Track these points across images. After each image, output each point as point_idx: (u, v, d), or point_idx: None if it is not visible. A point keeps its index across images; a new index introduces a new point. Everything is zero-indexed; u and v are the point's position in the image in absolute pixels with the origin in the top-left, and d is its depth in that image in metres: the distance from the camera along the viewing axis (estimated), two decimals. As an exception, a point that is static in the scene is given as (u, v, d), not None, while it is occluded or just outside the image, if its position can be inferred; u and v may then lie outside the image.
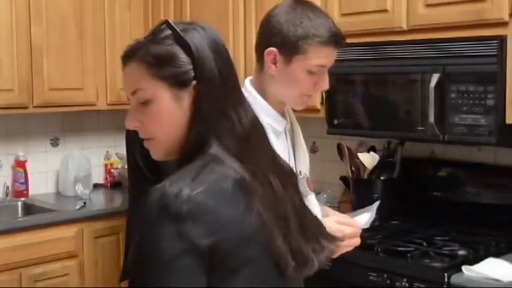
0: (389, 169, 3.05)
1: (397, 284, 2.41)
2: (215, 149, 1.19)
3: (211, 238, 1.09)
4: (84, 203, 3.65)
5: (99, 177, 4.27)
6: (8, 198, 3.82)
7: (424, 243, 2.62)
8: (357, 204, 3.12)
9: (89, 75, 3.75)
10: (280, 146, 1.91)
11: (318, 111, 3.10)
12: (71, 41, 3.68)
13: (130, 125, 1.27)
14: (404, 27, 2.75)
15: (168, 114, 1.23)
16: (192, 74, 1.21)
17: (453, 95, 2.55)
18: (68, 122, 4.13)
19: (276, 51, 1.80)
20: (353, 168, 3.12)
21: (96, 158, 4.24)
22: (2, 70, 3.43)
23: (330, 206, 3.33)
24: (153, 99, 1.23)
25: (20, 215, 3.73)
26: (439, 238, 2.71)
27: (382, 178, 3.04)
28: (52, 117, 4.02)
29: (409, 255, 2.47)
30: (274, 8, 1.87)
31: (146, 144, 1.28)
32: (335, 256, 1.48)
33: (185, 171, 1.16)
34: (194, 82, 1.21)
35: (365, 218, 2.02)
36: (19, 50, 3.48)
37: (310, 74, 1.81)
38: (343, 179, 3.28)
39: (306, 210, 1.33)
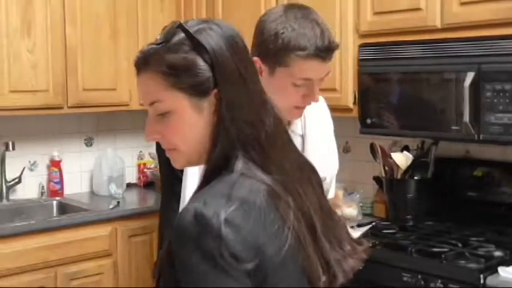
0: (423, 169, 3.02)
1: (431, 285, 2.39)
2: (242, 163, 1.13)
3: (252, 262, 1.05)
4: (118, 202, 3.68)
5: (132, 176, 4.30)
6: (43, 197, 3.87)
7: (459, 244, 2.59)
8: (390, 205, 3.10)
9: (122, 75, 3.79)
10: None
11: (350, 110, 3.08)
12: (105, 41, 3.72)
13: (150, 137, 1.21)
14: (438, 26, 2.72)
15: (189, 125, 1.16)
16: (212, 81, 1.14)
17: (488, 94, 2.51)
18: (101, 122, 4.18)
19: (259, 61, 1.71)
20: (386, 168, 3.10)
21: (129, 158, 4.28)
22: (38, 71, 3.48)
23: (362, 206, 3.33)
24: (172, 111, 1.16)
25: (55, 214, 3.78)
26: (474, 239, 2.68)
27: (415, 178, 3.01)
28: (86, 118, 4.07)
29: (443, 256, 2.44)
30: (265, 12, 1.79)
31: (168, 154, 1.22)
32: None
33: (215, 189, 1.11)
34: (215, 90, 1.14)
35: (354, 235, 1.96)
36: (54, 51, 3.53)
37: (296, 86, 1.71)
38: (376, 179, 3.25)
39: (332, 213, 1.28)
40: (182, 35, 1.16)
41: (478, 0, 2.58)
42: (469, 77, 2.55)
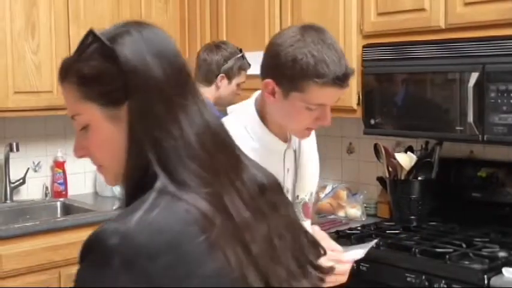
0: (427, 169, 3.01)
1: (435, 285, 2.38)
2: (161, 178, 1.01)
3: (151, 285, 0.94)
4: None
5: (136, 177, 4.31)
6: (47, 198, 3.88)
7: (463, 245, 2.58)
8: (394, 205, 3.10)
9: (126, 76, 3.79)
10: (272, 165, 1.75)
11: (354, 111, 3.08)
12: (109, 43, 3.72)
13: (77, 153, 1.15)
14: (442, 26, 2.72)
15: (107, 138, 1.09)
16: (125, 89, 1.05)
17: (492, 94, 2.51)
18: (105, 123, 4.18)
19: (273, 83, 1.68)
20: (390, 169, 3.09)
21: (133, 159, 4.28)
22: (42, 72, 3.49)
23: (366, 207, 3.33)
24: (90, 124, 1.10)
25: (59, 215, 3.79)
26: (478, 239, 2.67)
27: (419, 179, 3.01)
28: (90, 119, 4.07)
29: (447, 256, 2.44)
30: (279, 34, 1.74)
31: (97, 170, 1.15)
32: None
33: (126, 211, 1.01)
34: (129, 99, 1.06)
35: (358, 254, 1.91)
36: (58, 52, 3.53)
37: (309, 110, 1.68)
38: (380, 179, 3.25)
39: (299, 234, 1.16)
40: (94, 43, 1.10)
41: (482, 1, 2.58)
42: (473, 77, 2.54)
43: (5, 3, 3.35)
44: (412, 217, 3.00)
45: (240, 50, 3.20)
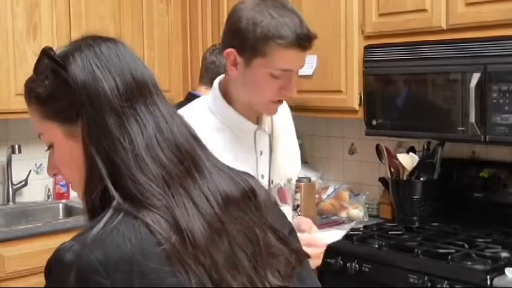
0: (429, 170, 3.01)
1: (438, 286, 2.38)
2: (115, 195, 1.02)
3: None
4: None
5: (138, 179, 4.31)
6: (49, 200, 3.88)
7: (466, 245, 2.58)
8: (396, 206, 3.09)
9: (128, 78, 3.79)
10: (243, 148, 1.77)
11: (356, 112, 3.08)
12: (110, 44, 3.72)
13: (50, 172, 1.18)
14: (444, 27, 2.72)
15: (70, 156, 1.10)
16: (75, 103, 1.06)
17: (494, 95, 2.50)
18: (107, 125, 4.18)
19: (235, 52, 1.66)
20: (392, 170, 3.09)
21: (135, 161, 4.28)
22: (43, 74, 3.49)
23: (368, 208, 3.33)
24: (53, 142, 1.12)
25: (61, 216, 3.79)
26: (481, 240, 2.67)
27: (421, 179, 3.01)
28: (92, 120, 4.08)
29: (450, 257, 2.43)
30: (240, 2, 1.71)
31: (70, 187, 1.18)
32: None
33: (87, 227, 1.02)
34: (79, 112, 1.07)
35: (336, 236, 1.93)
36: (60, 54, 3.54)
37: (274, 77, 1.65)
38: (382, 180, 3.25)
39: (263, 235, 1.11)
40: (47, 61, 1.10)
41: (484, 1, 2.57)
42: (475, 77, 2.54)
43: (6, 5, 3.35)
44: (415, 218, 3.00)
45: None
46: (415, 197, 2.98)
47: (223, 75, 1.81)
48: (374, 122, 2.96)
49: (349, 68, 3.07)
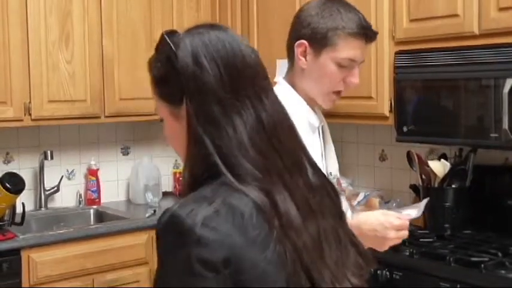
0: (461, 177, 2.97)
1: (470, 295, 2.35)
2: (223, 171, 1.09)
3: (224, 268, 1.03)
4: (154, 210, 3.71)
5: (168, 185, 4.33)
6: (81, 206, 3.92)
7: (499, 254, 2.54)
8: (427, 214, 3.06)
9: (158, 85, 3.82)
10: (316, 143, 1.92)
11: (386, 118, 3.06)
12: (141, 51, 3.75)
13: (166, 141, 1.29)
14: (476, 32, 2.68)
15: (173, 133, 1.21)
16: (183, 90, 1.15)
17: (528, 101, 2.47)
18: (137, 131, 4.22)
19: (306, 43, 1.84)
20: (423, 177, 3.06)
21: (165, 167, 4.31)
22: (76, 81, 3.54)
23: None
24: (163, 118, 1.23)
25: (92, 222, 3.83)
26: (514, 248, 2.63)
27: (453, 186, 2.97)
28: (123, 127, 4.11)
29: (483, 265, 2.40)
30: (305, 4, 1.91)
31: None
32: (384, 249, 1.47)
33: (194, 194, 1.10)
34: (187, 99, 1.15)
35: (412, 213, 1.96)
36: (91, 61, 3.58)
37: (340, 67, 1.83)
38: (413, 187, 3.22)
39: (342, 233, 1.19)
40: (162, 46, 1.19)
41: (517, 6, 2.54)
42: (509, 83, 2.50)
43: (40, 15, 3.41)
44: (446, 225, 2.96)
45: None
46: (447, 204, 2.95)
47: (283, 73, 1.94)
48: (405, 129, 2.94)
49: (380, 74, 3.05)
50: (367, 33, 1.84)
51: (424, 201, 2.03)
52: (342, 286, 1.12)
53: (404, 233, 1.86)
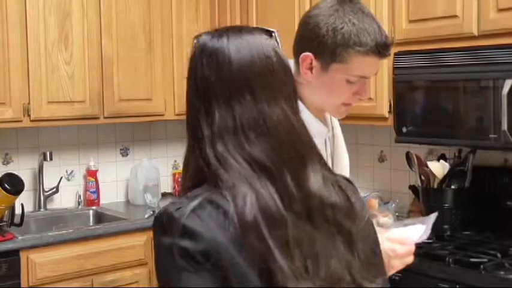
0: (461, 178, 2.97)
1: (469, 296, 2.35)
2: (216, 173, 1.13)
3: (207, 260, 1.05)
4: (153, 211, 3.70)
5: (167, 186, 4.33)
6: (80, 206, 3.92)
7: (498, 255, 2.54)
8: (426, 214, 3.06)
9: (158, 86, 3.82)
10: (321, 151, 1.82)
11: (385, 119, 3.06)
12: (140, 53, 3.75)
13: None
14: (475, 33, 2.69)
15: None
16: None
17: (527, 102, 2.47)
18: (137, 132, 4.21)
19: (312, 56, 1.65)
20: (422, 177, 3.06)
21: (164, 167, 4.30)
22: (75, 82, 3.54)
23: (398, 216, 3.29)
24: None
25: (91, 223, 3.83)
26: (513, 249, 2.63)
27: (452, 187, 2.97)
28: (121, 128, 4.11)
29: (482, 266, 2.40)
30: (315, 6, 1.70)
31: None
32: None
33: (186, 196, 1.13)
34: None
35: (419, 230, 1.80)
36: (91, 63, 3.58)
37: (349, 83, 1.66)
38: (413, 188, 3.22)
39: (359, 239, 1.20)
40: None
41: (516, 7, 2.55)
42: (508, 84, 2.51)
43: (39, 16, 3.41)
44: (446, 226, 2.96)
45: None
46: (446, 205, 2.95)
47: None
48: (404, 129, 2.94)
49: (379, 75, 3.04)
50: (380, 51, 1.63)
51: (432, 218, 1.86)
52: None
53: (410, 260, 1.72)
